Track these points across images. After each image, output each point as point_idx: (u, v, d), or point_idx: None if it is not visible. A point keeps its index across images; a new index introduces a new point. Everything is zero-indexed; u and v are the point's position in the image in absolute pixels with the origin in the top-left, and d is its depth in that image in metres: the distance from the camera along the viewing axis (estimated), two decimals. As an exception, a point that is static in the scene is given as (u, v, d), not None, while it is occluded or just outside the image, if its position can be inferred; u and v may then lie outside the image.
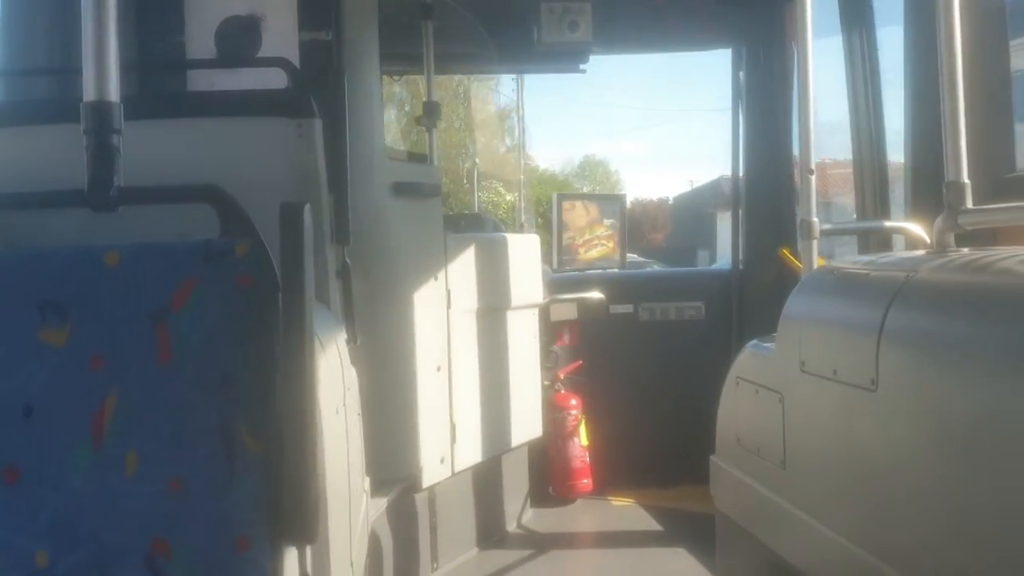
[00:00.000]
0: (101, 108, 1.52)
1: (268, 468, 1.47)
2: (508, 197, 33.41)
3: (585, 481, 5.11)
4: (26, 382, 1.49)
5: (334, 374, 2.13)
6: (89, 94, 1.53)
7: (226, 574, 1.44)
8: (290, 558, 1.50)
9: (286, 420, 1.47)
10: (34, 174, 2.58)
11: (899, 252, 3.32)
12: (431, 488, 3.97)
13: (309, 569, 1.52)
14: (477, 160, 35.93)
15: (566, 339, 5.30)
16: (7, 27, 3.62)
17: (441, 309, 4.06)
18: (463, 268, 4.20)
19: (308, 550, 1.53)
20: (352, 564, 2.19)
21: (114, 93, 1.53)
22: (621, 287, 5.43)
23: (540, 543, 4.53)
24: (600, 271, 5.70)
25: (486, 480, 4.45)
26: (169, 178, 1.74)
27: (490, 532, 4.47)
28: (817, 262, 3.17)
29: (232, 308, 1.51)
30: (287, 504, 1.45)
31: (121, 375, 1.49)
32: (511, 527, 4.64)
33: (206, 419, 1.48)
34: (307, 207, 1.55)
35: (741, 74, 5.31)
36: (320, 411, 1.61)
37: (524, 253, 4.78)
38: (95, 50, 1.53)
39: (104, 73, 1.53)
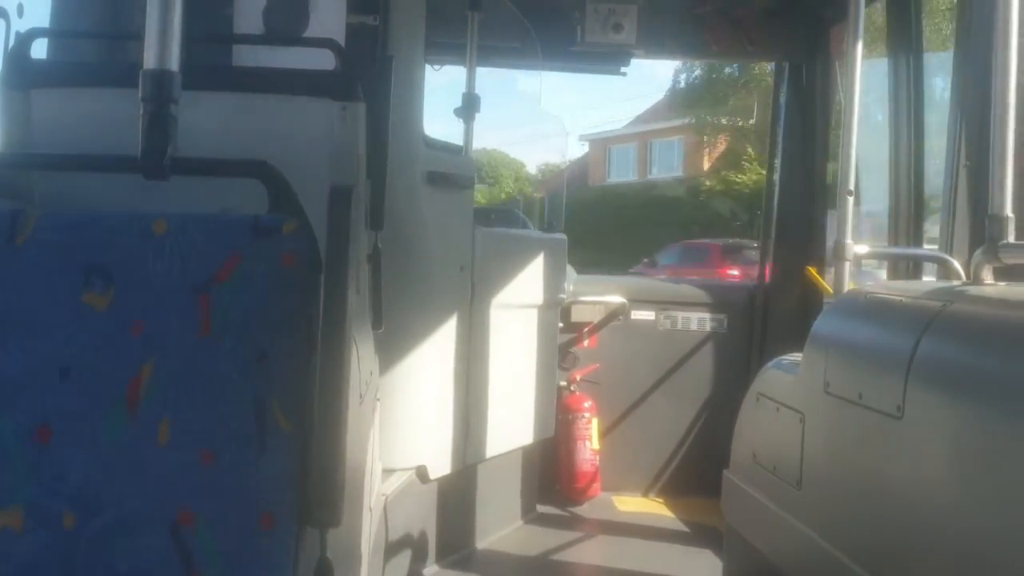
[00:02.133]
0: (161, 77, 1.52)
1: (297, 448, 1.48)
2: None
3: (593, 484, 5.11)
4: (65, 343, 1.50)
5: (360, 359, 2.13)
6: (149, 62, 1.53)
7: (249, 550, 1.45)
8: (311, 539, 1.50)
9: (320, 402, 1.47)
10: (74, 136, 2.60)
11: (934, 281, 3.29)
12: (440, 479, 3.97)
13: (329, 552, 1.52)
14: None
15: (585, 341, 5.29)
16: None
17: (464, 302, 4.07)
18: (489, 262, 4.20)
19: (330, 533, 1.53)
20: (365, 550, 2.19)
21: (174, 63, 1.54)
22: (644, 293, 5.42)
23: (544, 541, 4.53)
24: (624, 275, 5.70)
25: (495, 475, 4.45)
26: (211, 151, 1.75)
27: (496, 527, 4.47)
28: (848, 285, 3.16)
29: (274, 285, 1.52)
30: (314, 486, 1.46)
31: (160, 343, 1.50)
32: (516, 524, 4.65)
33: (241, 394, 1.48)
34: (355, 190, 1.55)
35: (782, 89, 5.28)
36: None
37: (550, 252, 4.77)
38: (160, 20, 1.53)
39: (166, 43, 1.53)
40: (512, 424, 4.46)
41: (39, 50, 2.90)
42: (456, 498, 4.15)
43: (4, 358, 1.50)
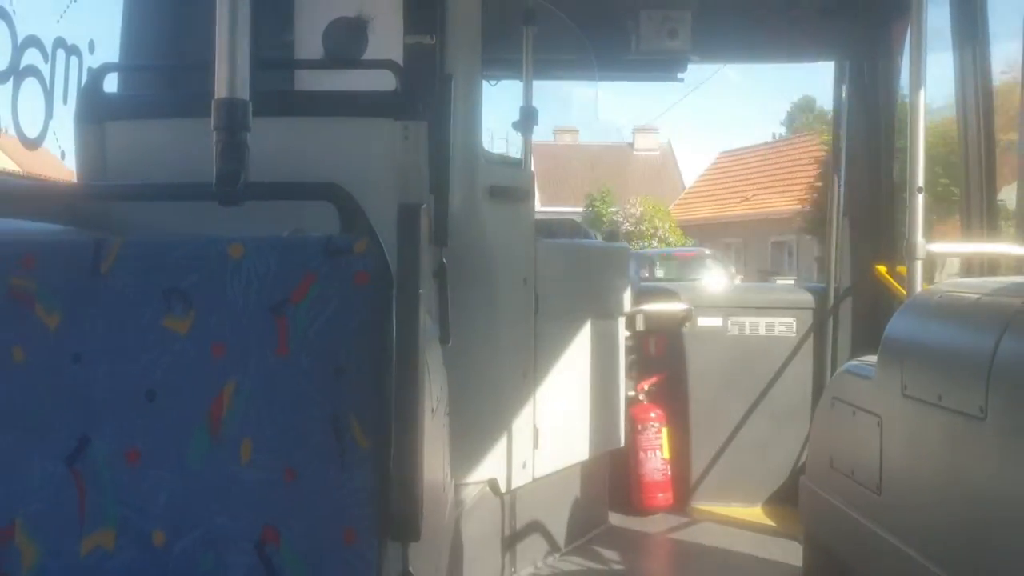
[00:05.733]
0: (232, 105, 1.57)
1: (376, 463, 1.50)
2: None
3: (664, 495, 5.06)
4: (150, 367, 1.54)
5: (431, 375, 2.15)
6: (221, 91, 1.58)
7: (333, 565, 1.47)
8: (393, 554, 1.52)
9: (397, 417, 1.49)
10: (147, 166, 2.69)
11: (1012, 277, 3.20)
12: (512, 492, 3.98)
13: (410, 566, 1.54)
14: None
15: (651, 350, 5.26)
16: (127, 23, 3.76)
17: (529, 314, 4.07)
18: (552, 274, 4.21)
19: (410, 547, 1.55)
20: (443, 564, 2.21)
21: (244, 91, 1.58)
22: (709, 299, 5.37)
23: (618, 554, 4.50)
24: (688, 282, 5.64)
25: (566, 487, 4.44)
26: (279, 175, 1.78)
27: (569, 539, 4.46)
28: (921, 284, 3.09)
29: (348, 304, 1.55)
30: (394, 501, 1.47)
31: (240, 364, 1.53)
32: (590, 536, 4.63)
33: (320, 411, 1.51)
34: (424, 208, 1.57)
35: (844, 88, 5.20)
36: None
37: (612, 262, 4.76)
38: (228, 49, 1.58)
39: (236, 72, 1.58)
40: (581, 436, 4.45)
41: (110, 84, 3.01)
42: (528, 511, 4.14)
43: (93, 383, 1.55)
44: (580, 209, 36.66)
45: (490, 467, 3.83)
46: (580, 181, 41.29)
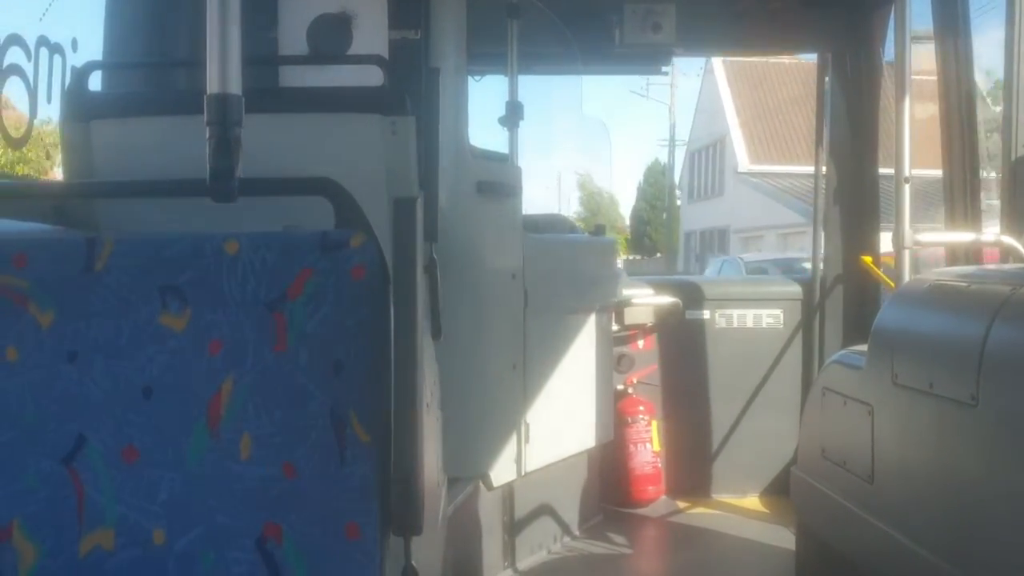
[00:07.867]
0: (225, 101, 1.56)
1: (377, 457, 1.49)
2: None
3: (655, 487, 5.08)
4: (146, 365, 1.53)
5: (424, 369, 2.15)
6: (213, 87, 1.57)
7: (335, 561, 1.47)
8: (395, 548, 1.52)
9: (397, 411, 1.48)
10: (134, 164, 2.67)
11: (999, 265, 3.23)
12: (502, 487, 3.98)
13: (414, 560, 1.54)
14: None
15: (640, 343, 5.27)
16: (109, 20, 3.73)
17: (518, 308, 4.07)
18: (540, 269, 4.21)
19: (413, 541, 1.54)
20: (438, 558, 2.21)
21: (236, 87, 1.57)
22: (697, 292, 5.39)
23: (610, 546, 4.51)
24: (677, 276, 5.65)
25: (557, 481, 4.45)
26: (267, 172, 1.78)
27: (560, 533, 4.47)
28: (909, 273, 3.12)
29: (345, 299, 1.54)
30: (395, 495, 1.47)
31: (238, 360, 1.52)
32: (581, 529, 4.64)
33: (319, 406, 1.51)
34: (419, 201, 1.57)
35: (827, 80, 5.22)
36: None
37: (601, 255, 4.77)
38: (220, 44, 1.57)
39: (228, 67, 1.57)
40: (571, 429, 4.45)
41: (94, 83, 2.98)
42: (521, 505, 4.15)
43: (89, 381, 1.54)
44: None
45: (481, 462, 3.83)
46: (800, 119, 25.84)
